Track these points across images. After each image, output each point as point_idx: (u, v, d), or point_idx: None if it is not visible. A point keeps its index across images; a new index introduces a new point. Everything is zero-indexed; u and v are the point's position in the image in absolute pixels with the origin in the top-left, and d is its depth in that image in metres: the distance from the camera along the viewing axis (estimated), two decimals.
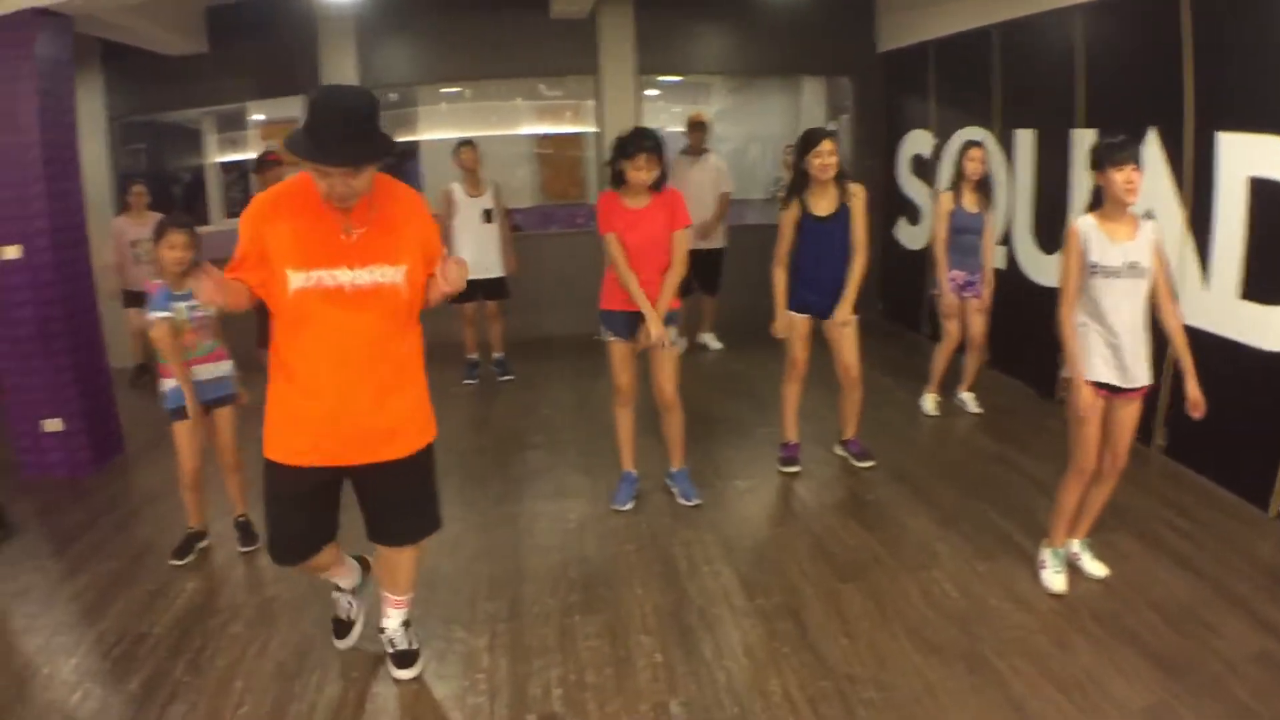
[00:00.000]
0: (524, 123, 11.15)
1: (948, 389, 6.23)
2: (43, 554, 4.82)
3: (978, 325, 5.99)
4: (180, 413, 4.39)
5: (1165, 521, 4.35)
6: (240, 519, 4.71)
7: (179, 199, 10.23)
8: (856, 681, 3.23)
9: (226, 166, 10.77)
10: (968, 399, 6.17)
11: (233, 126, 10.72)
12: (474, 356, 7.62)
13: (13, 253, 5.57)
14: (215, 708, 3.35)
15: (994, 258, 6.07)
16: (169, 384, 4.40)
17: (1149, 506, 4.51)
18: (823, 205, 4.84)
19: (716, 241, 7.89)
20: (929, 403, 6.16)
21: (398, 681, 3.42)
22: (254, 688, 3.47)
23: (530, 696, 3.28)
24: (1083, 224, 3.57)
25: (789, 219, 4.90)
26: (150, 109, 9.04)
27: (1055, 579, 3.75)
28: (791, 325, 5.02)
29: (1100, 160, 3.53)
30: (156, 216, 7.71)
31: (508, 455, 5.84)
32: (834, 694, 3.17)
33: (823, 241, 4.87)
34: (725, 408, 6.55)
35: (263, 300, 2.93)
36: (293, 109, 9.77)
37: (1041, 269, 6.41)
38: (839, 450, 5.35)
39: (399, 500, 3.20)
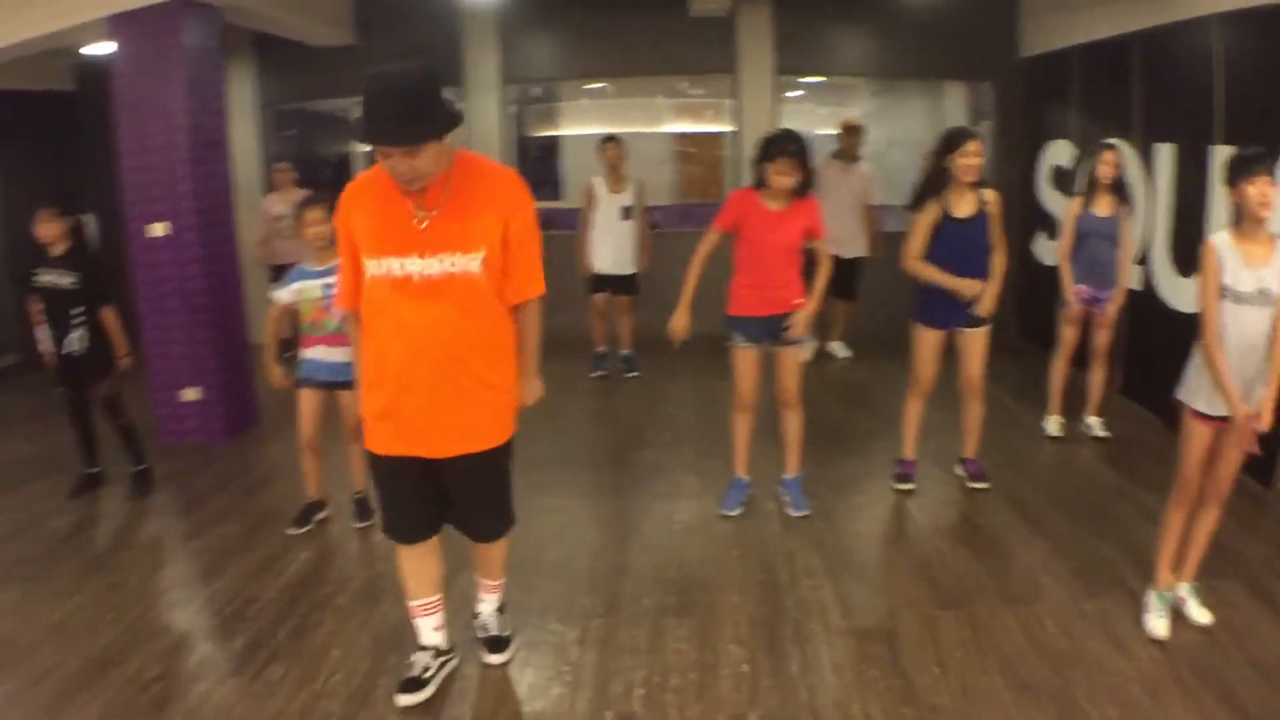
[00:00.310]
0: (664, 120, 11.18)
1: (1073, 411, 5.88)
2: (171, 513, 5.15)
3: (1102, 339, 5.61)
4: (304, 381, 4.58)
5: (1278, 572, 4.01)
6: (357, 495, 4.86)
7: (328, 180, 10.61)
8: (940, 712, 3.11)
9: (371, 154, 11.14)
10: (1093, 424, 5.75)
11: None
12: (602, 349, 7.68)
13: (160, 229, 5.93)
14: (310, 673, 3.50)
15: (1129, 269, 5.65)
16: (304, 353, 4.57)
17: (1263, 554, 4.15)
18: (963, 207, 4.60)
19: (859, 250, 7.64)
20: (1052, 424, 5.78)
21: (487, 666, 3.45)
22: (349, 659, 3.60)
23: (612, 694, 3.29)
24: (1219, 241, 3.34)
25: (926, 220, 4.63)
26: (299, 97, 9.44)
27: (1158, 624, 3.52)
28: (922, 340, 4.82)
29: (1233, 173, 3.31)
30: (301, 193, 8.10)
31: (625, 451, 5.87)
32: None
33: (960, 246, 4.61)
34: (846, 418, 6.39)
35: None
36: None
37: (1177, 293, 5.87)
38: (957, 470, 5.12)
39: (473, 497, 3.15)
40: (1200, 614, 3.57)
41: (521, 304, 2.99)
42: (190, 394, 6.10)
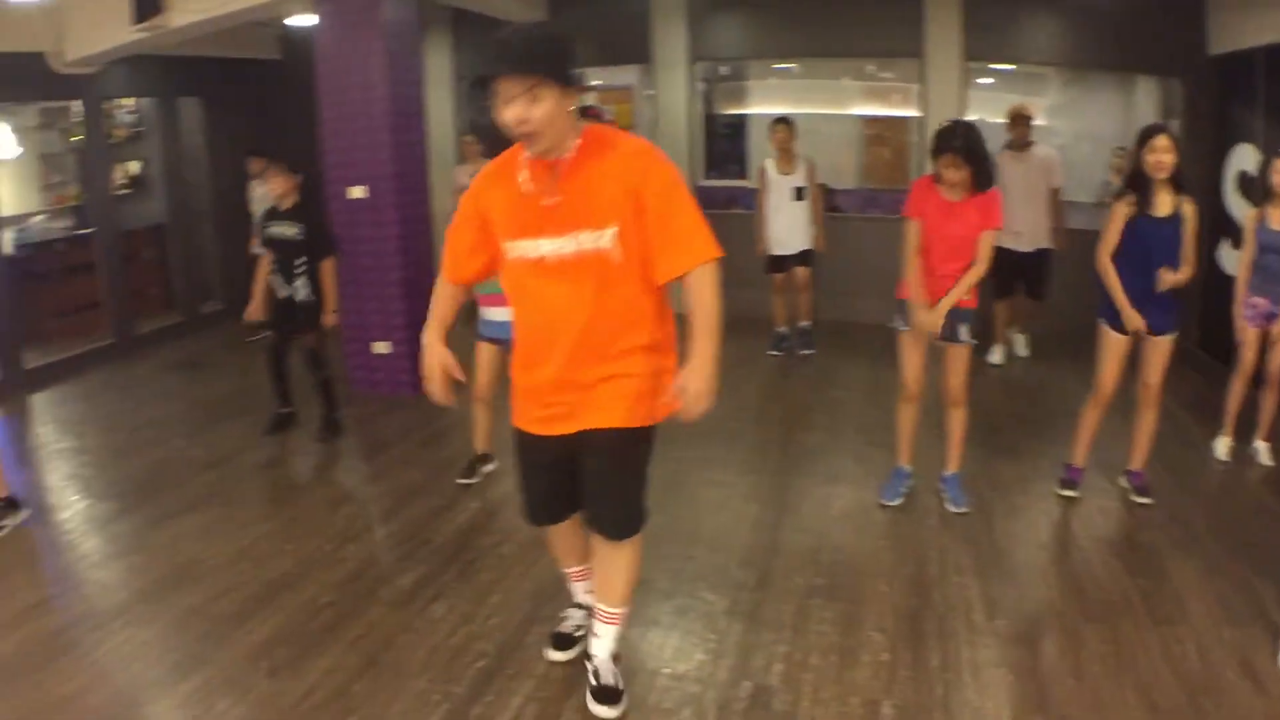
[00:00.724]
0: (851, 103, 10.96)
1: (1244, 434, 5.34)
2: (357, 456, 5.51)
3: (1277, 361, 5.12)
4: (482, 337, 4.74)
5: None
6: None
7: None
8: None
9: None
10: (1262, 449, 5.26)
11: None
12: (783, 329, 7.64)
13: (359, 193, 6.27)
14: (470, 613, 3.68)
15: None
16: (487, 312, 4.72)
17: None
18: (1160, 206, 4.37)
19: (1043, 241, 7.23)
20: (1221, 447, 5.32)
21: (660, 654, 3.40)
22: (507, 604, 3.75)
23: (753, 666, 3.32)
24: None
25: (1120, 212, 4.42)
26: (484, 72, 9.70)
27: None
28: (1107, 343, 4.57)
29: None
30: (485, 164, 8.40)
31: (791, 431, 5.82)
32: None
33: (1153, 245, 4.38)
34: (1016, 418, 6.08)
35: None
36: (629, 77, 10.23)
37: None
38: (1121, 481, 4.81)
39: (600, 480, 2.90)
40: None
41: (682, 275, 2.65)
42: (380, 347, 6.45)
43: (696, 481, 4.89)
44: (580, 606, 3.44)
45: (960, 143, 4.11)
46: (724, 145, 10.49)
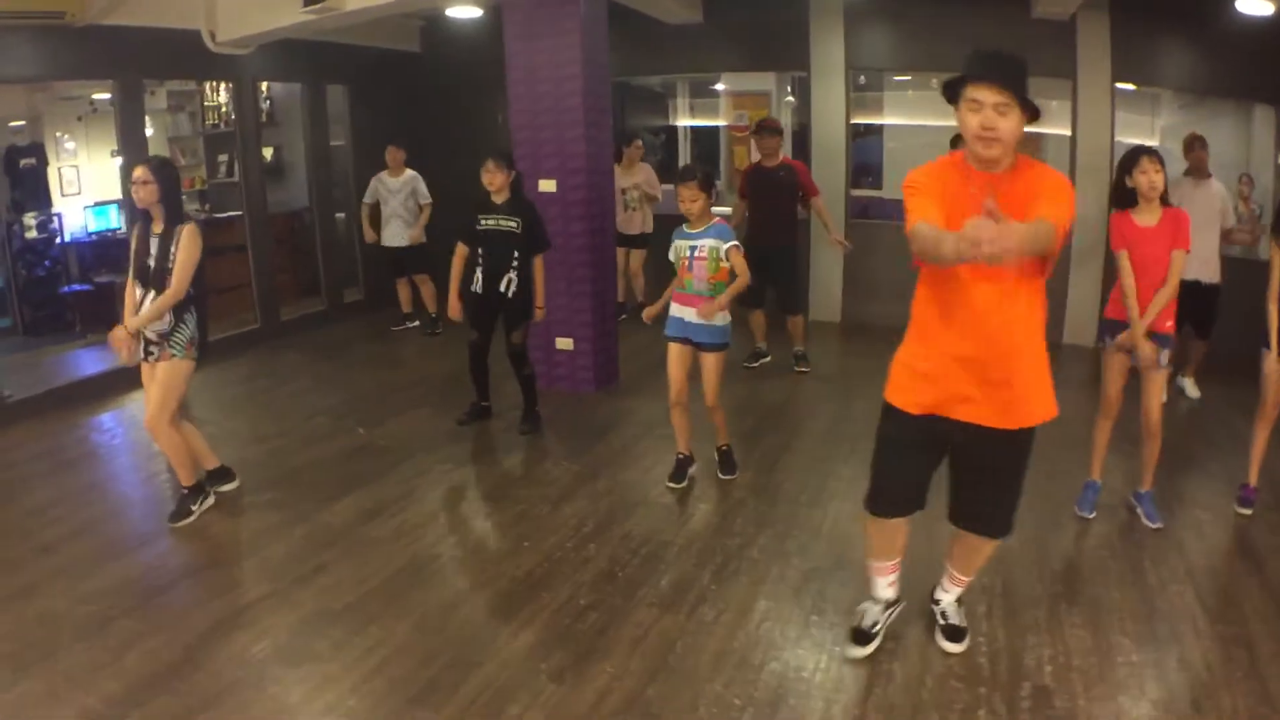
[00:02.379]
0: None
1: None
2: (562, 454, 5.38)
3: None
4: (670, 337, 4.76)
5: None
6: (723, 447, 5.00)
7: (659, 154, 10.84)
8: None
9: (695, 130, 11.32)
10: None
11: (701, 94, 11.24)
12: None
13: (549, 186, 6.18)
14: (740, 618, 3.58)
15: None
16: (672, 309, 4.75)
17: None
18: None
19: (1212, 275, 7.06)
20: None
21: (944, 651, 3.41)
22: (776, 610, 3.64)
23: (1026, 666, 3.33)
24: None
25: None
26: (641, 71, 9.69)
27: None
28: (1272, 368, 4.59)
29: None
30: (644, 168, 8.33)
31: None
32: None
33: None
34: (1188, 442, 5.85)
35: None
36: (765, 83, 10.12)
37: None
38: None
39: (992, 480, 3.12)
40: None
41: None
42: (564, 343, 6.36)
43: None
44: (878, 600, 3.44)
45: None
46: (860, 155, 10.36)
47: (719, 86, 10.93)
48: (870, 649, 3.35)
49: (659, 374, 6.72)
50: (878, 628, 3.40)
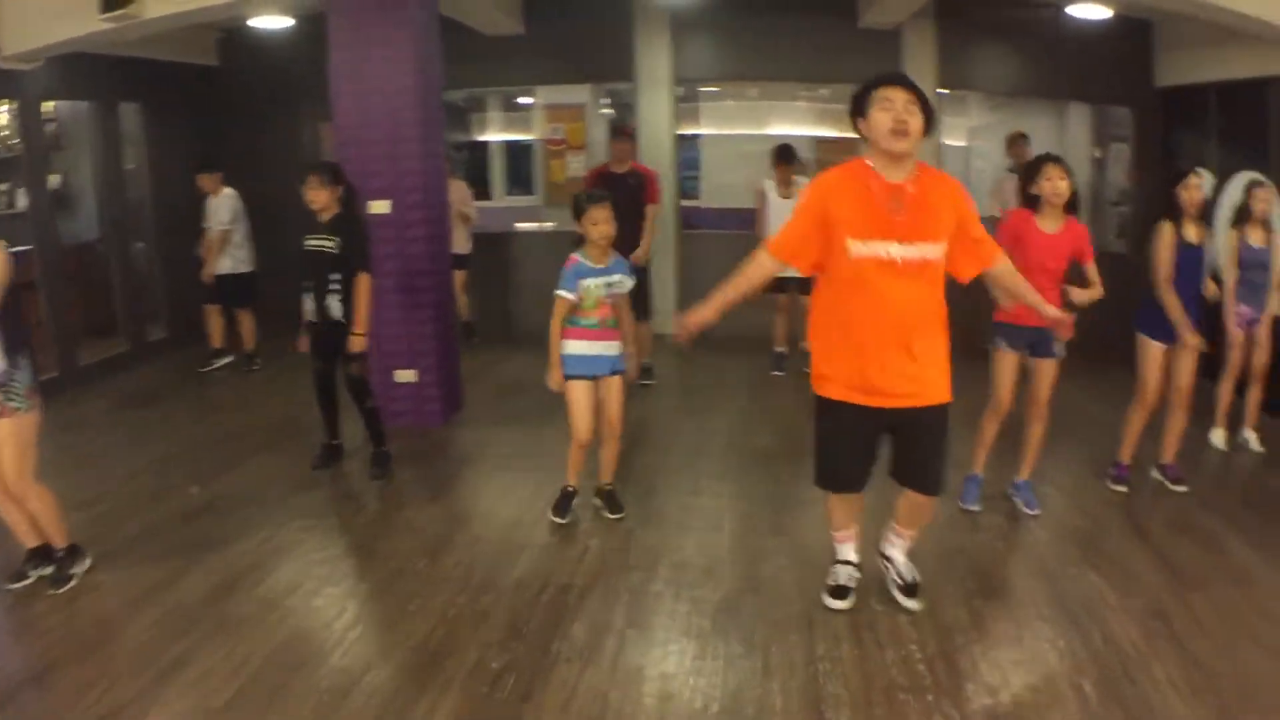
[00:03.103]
0: (806, 125, 11.05)
1: (1231, 426, 6.00)
2: (423, 495, 4.99)
3: (1259, 359, 5.90)
4: (574, 376, 4.44)
5: None
6: (607, 487, 4.71)
7: (462, 170, 10.47)
8: (1223, 678, 3.32)
9: (506, 145, 11.04)
10: (1251, 438, 5.98)
11: (513, 108, 10.97)
12: (782, 349, 7.55)
13: (382, 207, 5.74)
14: (677, 657, 3.38)
15: (1277, 298, 5.84)
16: (567, 346, 4.42)
17: None
18: (1192, 232, 4.92)
19: None
20: (1218, 438, 6.00)
21: (904, 610, 3.68)
22: (707, 646, 3.44)
23: (963, 667, 3.37)
24: None
25: (1169, 243, 4.87)
26: (458, 85, 9.28)
27: None
28: (1149, 355, 5.00)
29: None
30: (457, 184, 7.99)
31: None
32: (1208, 687, 3.25)
33: (1190, 268, 4.92)
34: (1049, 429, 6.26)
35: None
36: (580, 95, 9.95)
37: None
38: (1155, 474, 5.25)
39: (924, 448, 3.51)
40: None
41: (991, 267, 3.50)
42: (405, 375, 5.92)
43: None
44: (847, 563, 3.80)
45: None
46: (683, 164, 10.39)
47: (529, 100, 10.70)
48: (849, 602, 3.69)
49: (504, 399, 6.56)
50: (852, 581, 3.77)
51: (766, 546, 4.32)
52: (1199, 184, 4.89)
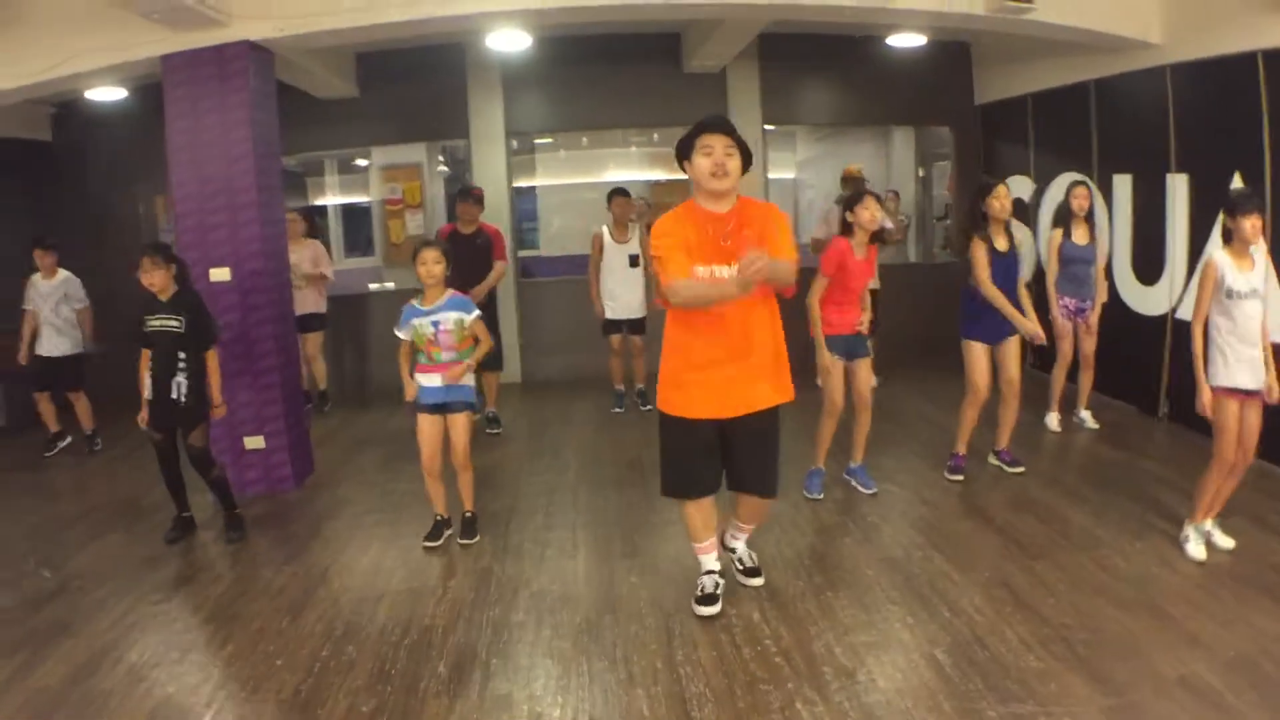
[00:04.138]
0: (639, 169, 11.45)
1: (1066, 409, 6.76)
2: (279, 556, 5.02)
3: (1089, 346, 6.54)
4: (421, 407, 4.83)
5: (1273, 510, 4.95)
6: (467, 514, 5.08)
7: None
8: (1070, 628, 3.79)
9: (345, 208, 11.06)
10: (1086, 416, 6.70)
11: (350, 170, 11.02)
12: (620, 388, 7.87)
13: (222, 275, 5.78)
14: (536, 684, 3.55)
15: (1104, 286, 6.57)
16: (419, 379, 4.81)
17: (1255, 499, 5.04)
18: (1001, 240, 5.42)
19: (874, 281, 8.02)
20: (1053, 421, 6.68)
21: (750, 589, 4.22)
22: (569, 669, 3.65)
23: (818, 654, 3.69)
24: (1218, 257, 4.28)
25: (982, 248, 5.36)
26: (292, 150, 9.30)
27: (1197, 549, 4.43)
28: (977, 355, 5.51)
29: (1231, 208, 4.26)
30: (311, 243, 8.01)
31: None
32: (1056, 638, 3.71)
33: (1003, 273, 5.37)
34: (880, 429, 6.62)
35: None
36: (417, 154, 10.10)
37: (1142, 300, 6.93)
38: (992, 460, 5.83)
39: (757, 451, 3.87)
40: (1225, 540, 4.49)
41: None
42: (253, 442, 5.92)
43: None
44: (711, 572, 4.12)
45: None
46: (525, 216, 10.65)
47: (364, 162, 10.78)
48: (717, 608, 4.01)
49: (355, 458, 6.70)
50: (719, 589, 4.08)
51: (620, 568, 4.57)
52: (1007, 193, 5.38)
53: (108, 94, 7.50)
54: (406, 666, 3.72)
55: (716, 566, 4.15)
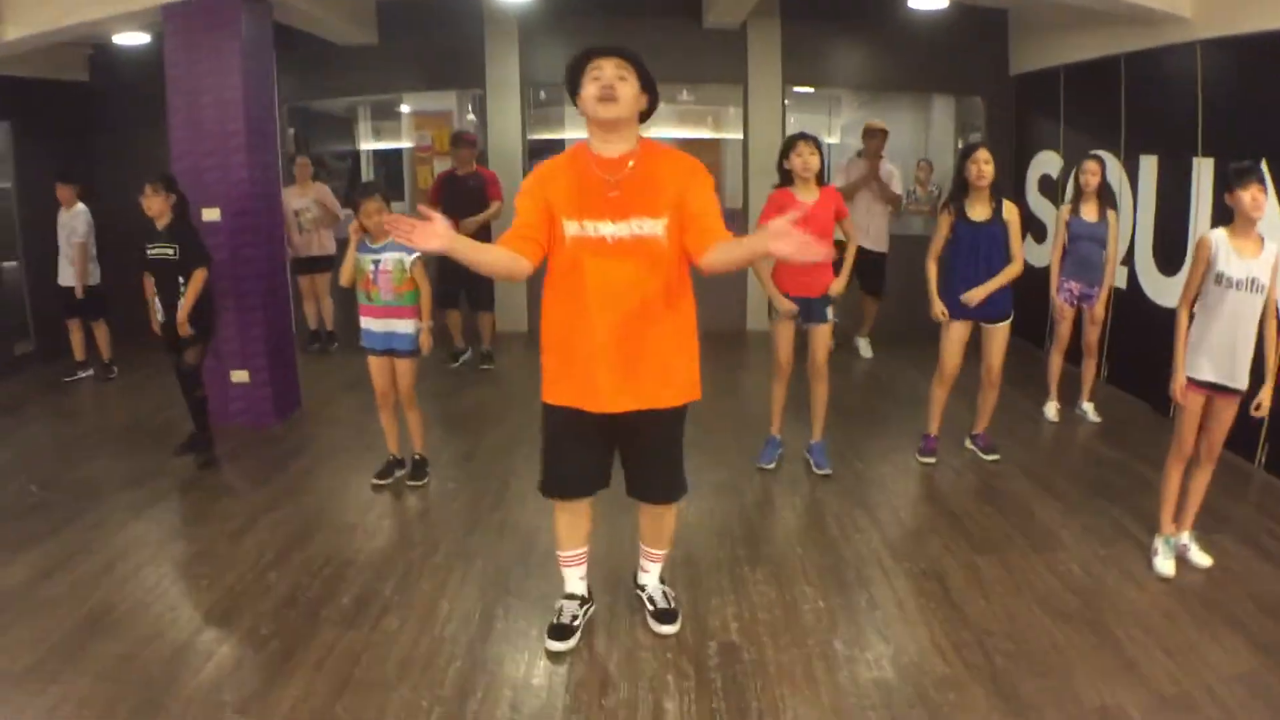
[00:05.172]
0: (665, 126, 11.39)
1: (1069, 399, 6.42)
2: (244, 486, 5.29)
3: (1092, 334, 6.18)
4: (366, 349, 5.03)
5: (1266, 530, 4.53)
6: (416, 456, 5.26)
7: (347, 175, 10.72)
8: (993, 635, 3.57)
9: (379, 153, 11.27)
10: (1088, 409, 6.33)
11: (384, 116, 11.20)
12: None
13: (213, 215, 6.04)
14: (425, 621, 3.73)
15: (1114, 269, 6.15)
16: (362, 322, 5.01)
17: (1250, 515, 4.71)
18: (978, 211, 5.13)
19: (882, 245, 8.00)
20: (1051, 410, 6.35)
21: (655, 634, 3.61)
22: (460, 609, 3.82)
23: (711, 627, 3.65)
24: (1214, 235, 3.88)
25: (945, 221, 5.21)
26: (318, 95, 9.59)
27: (1165, 564, 4.05)
28: (944, 331, 5.33)
29: (1229, 182, 3.83)
30: (319, 187, 8.26)
31: None
32: (974, 644, 3.51)
33: (977, 245, 5.12)
34: (869, 403, 6.77)
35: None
36: (447, 102, 10.25)
37: (1161, 290, 6.47)
38: (968, 444, 5.65)
39: (649, 456, 3.35)
40: (1201, 558, 4.11)
41: (716, 241, 3.07)
42: (239, 376, 6.22)
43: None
44: (573, 597, 3.61)
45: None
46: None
47: (403, 108, 10.95)
48: (571, 644, 3.49)
49: (344, 397, 6.94)
50: (577, 621, 3.54)
51: (549, 523, 4.67)
52: (988, 159, 5.05)
53: (134, 38, 7.77)
54: (315, 596, 3.94)
55: (580, 590, 3.61)
